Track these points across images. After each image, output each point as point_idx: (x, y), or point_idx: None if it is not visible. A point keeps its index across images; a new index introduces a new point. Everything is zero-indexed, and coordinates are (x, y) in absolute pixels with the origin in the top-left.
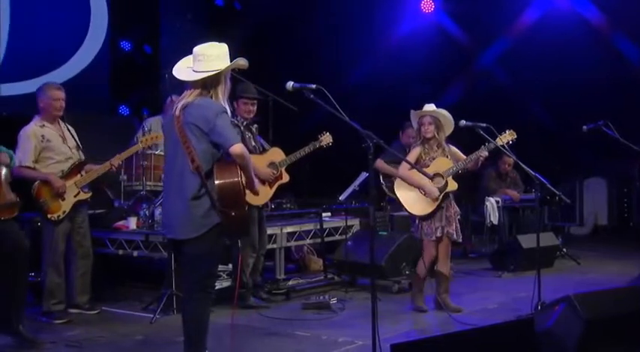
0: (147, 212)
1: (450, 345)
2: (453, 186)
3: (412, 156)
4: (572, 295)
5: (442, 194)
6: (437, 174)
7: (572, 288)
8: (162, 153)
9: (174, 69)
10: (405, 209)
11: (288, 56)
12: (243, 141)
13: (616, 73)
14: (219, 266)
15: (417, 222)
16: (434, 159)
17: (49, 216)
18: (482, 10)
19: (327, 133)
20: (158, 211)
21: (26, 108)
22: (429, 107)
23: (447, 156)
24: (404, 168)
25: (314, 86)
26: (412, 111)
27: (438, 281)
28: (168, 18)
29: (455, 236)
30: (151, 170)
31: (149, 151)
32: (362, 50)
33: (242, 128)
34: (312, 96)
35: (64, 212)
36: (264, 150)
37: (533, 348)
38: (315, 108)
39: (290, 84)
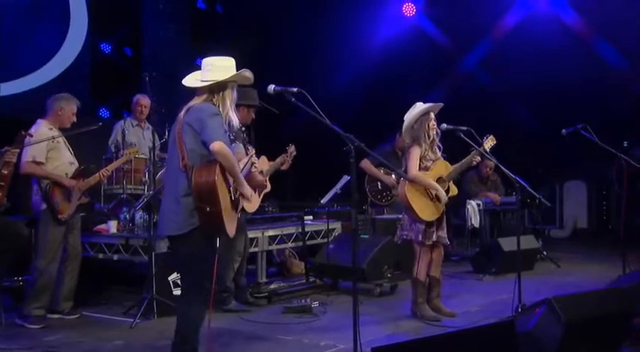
0: (127, 215)
1: (431, 348)
2: (454, 190)
3: (414, 158)
4: (552, 298)
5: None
6: (440, 179)
7: (552, 291)
8: (142, 157)
9: (184, 79)
10: (416, 214)
11: (270, 59)
12: (245, 147)
13: (596, 76)
14: None
15: (415, 225)
16: (433, 161)
17: (59, 216)
18: (464, 14)
19: (292, 146)
20: (139, 215)
21: (3, 110)
22: (422, 106)
23: (441, 158)
24: (415, 170)
25: (295, 89)
26: (424, 104)
27: (430, 286)
28: (149, 20)
29: (446, 240)
30: (131, 173)
31: None
32: (344, 54)
33: (243, 134)
34: (293, 99)
35: (70, 214)
36: None
37: (513, 351)
38: (297, 112)
39: (271, 87)
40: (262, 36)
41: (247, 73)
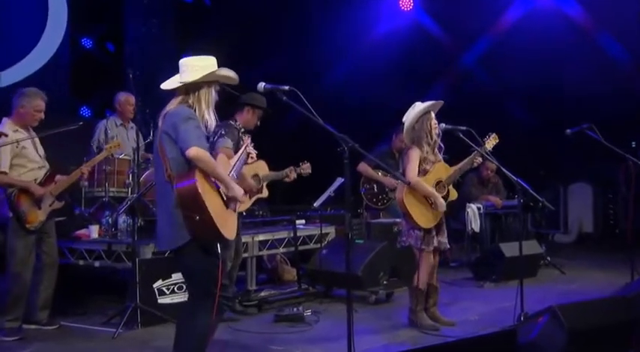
0: (110, 220)
1: None
2: (454, 194)
3: (413, 161)
4: (556, 306)
5: (446, 203)
6: (439, 183)
7: (556, 299)
8: (126, 158)
9: (163, 83)
10: (414, 220)
11: (260, 55)
12: (237, 147)
13: (602, 73)
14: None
15: (414, 231)
16: (433, 163)
17: (27, 225)
18: (463, 8)
19: (308, 163)
20: (122, 219)
21: None
22: (422, 105)
23: (442, 161)
24: (414, 174)
25: (287, 87)
26: (423, 104)
27: (427, 294)
28: (132, 14)
29: (447, 245)
30: (114, 175)
31: (113, 156)
32: (339, 50)
33: (239, 133)
34: (284, 98)
35: (41, 221)
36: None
37: None
38: (289, 111)
39: (262, 85)
40: (252, 31)
41: (225, 72)
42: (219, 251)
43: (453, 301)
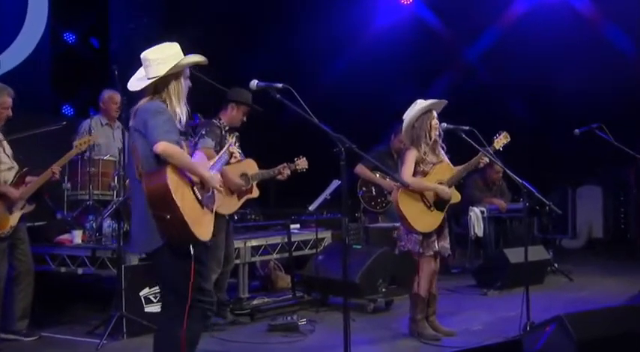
0: (94, 224)
1: None
2: (456, 197)
3: (408, 162)
4: (564, 315)
5: (447, 206)
6: (440, 185)
7: (563, 307)
8: (111, 159)
9: (128, 83)
10: (410, 224)
11: (253, 52)
12: (221, 146)
13: (611, 70)
14: None
15: (412, 235)
16: (433, 164)
17: None
18: (465, 2)
19: (304, 158)
20: (107, 223)
21: None
22: (424, 103)
23: (443, 162)
24: (408, 175)
25: (280, 85)
26: (425, 101)
27: (427, 302)
28: (117, 7)
29: (448, 250)
30: (98, 177)
31: (97, 156)
32: (335, 45)
33: (223, 132)
34: (278, 96)
35: (12, 227)
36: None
37: None
38: (283, 110)
39: (254, 83)
40: (244, 26)
41: (191, 59)
42: (193, 252)
43: (455, 310)
